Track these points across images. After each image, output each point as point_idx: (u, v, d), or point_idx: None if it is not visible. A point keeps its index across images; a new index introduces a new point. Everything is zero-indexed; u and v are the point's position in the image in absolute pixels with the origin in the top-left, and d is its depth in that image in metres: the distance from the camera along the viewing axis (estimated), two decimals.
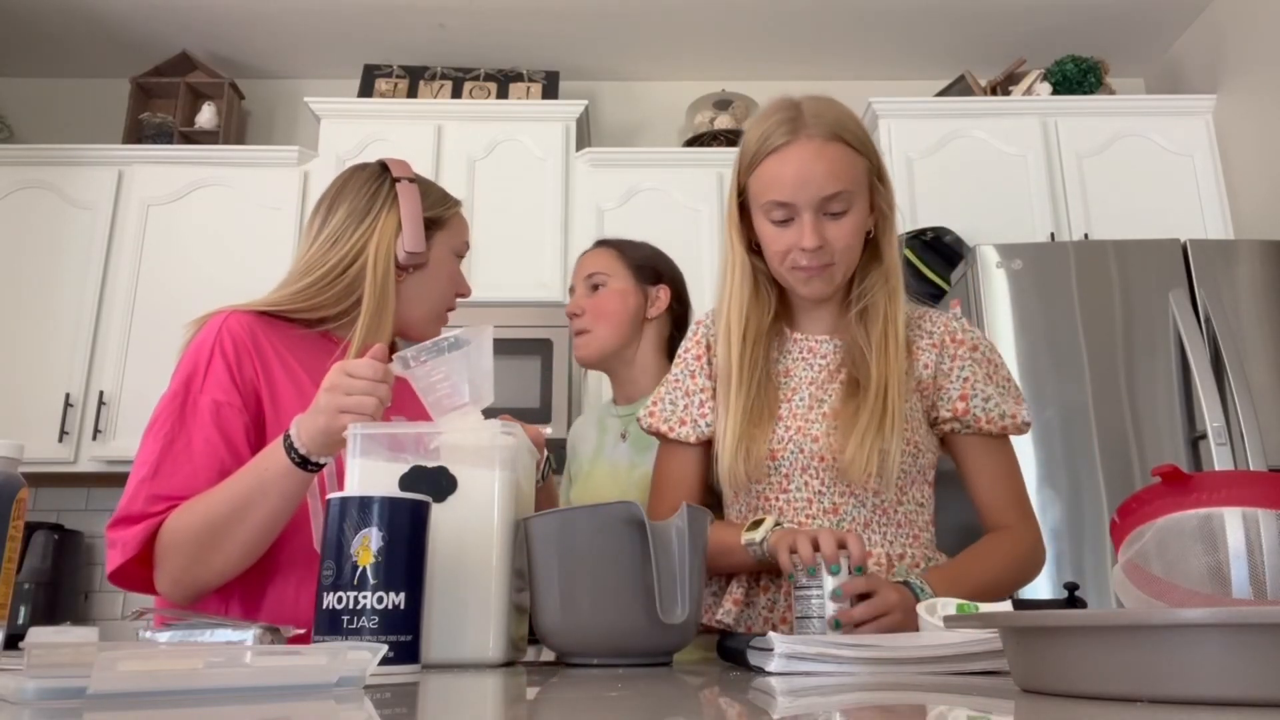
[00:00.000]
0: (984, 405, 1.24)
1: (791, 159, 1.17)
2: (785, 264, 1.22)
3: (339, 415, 0.94)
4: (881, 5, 3.24)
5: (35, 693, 0.52)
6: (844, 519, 1.21)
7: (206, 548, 1.02)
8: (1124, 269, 2.52)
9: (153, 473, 1.06)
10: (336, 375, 0.96)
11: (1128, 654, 0.50)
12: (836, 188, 1.17)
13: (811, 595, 1.00)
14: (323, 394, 0.96)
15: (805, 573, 1.00)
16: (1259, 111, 2.98)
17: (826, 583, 0.99)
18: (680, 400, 1.32)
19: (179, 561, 1.03)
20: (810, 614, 1.00)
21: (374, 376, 0.95)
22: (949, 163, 3.08)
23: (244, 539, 1.03)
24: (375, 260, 1.20)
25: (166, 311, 2.96)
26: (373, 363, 0.97)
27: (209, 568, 1.04)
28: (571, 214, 3.06)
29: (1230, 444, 2.30)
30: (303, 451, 0.98)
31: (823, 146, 1.17)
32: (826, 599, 0.99)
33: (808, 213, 1.17)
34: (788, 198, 1.18)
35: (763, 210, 1.21)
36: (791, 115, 1.20)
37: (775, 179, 1.18)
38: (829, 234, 1.18)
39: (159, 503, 1.04)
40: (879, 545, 1.21)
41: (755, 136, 1.22)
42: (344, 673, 0.62)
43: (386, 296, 1.20)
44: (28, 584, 2.82)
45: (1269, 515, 0.76)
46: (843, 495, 1.21)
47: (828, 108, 1.22)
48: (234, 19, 3.30)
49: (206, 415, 1.10)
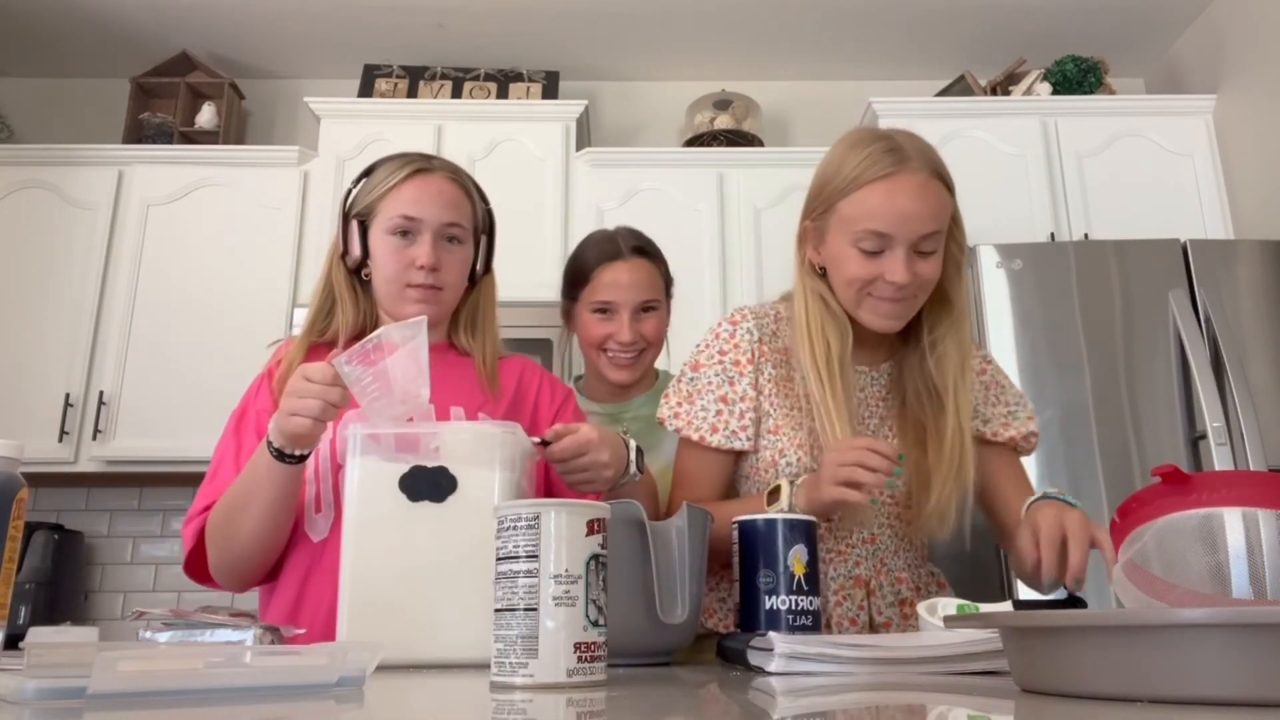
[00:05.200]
0: (983, 426, 1.29)
1: (897, 191, 1.14)
2: (862, 292, 1.19)
3: (289, 417, 0.99)
4: (882, 5, 3.24)
5: (35, 693, 0.52)
6: (880, 548, 1.25)
7: (228, 535, 1.12)
8: (1124, 269, 2.52)
9: (210, 478, 1.19)
10: (295, 378, 1.00)
11: (1128, 654, 0.50)
12: (934, 227, 1.16)
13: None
14: (284, 395, 1.01)
15: (894, 475, 1.06)
16: (1259, 111, 2.98)
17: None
18: (713, 406, 1.25)
19: (214, 550, 1.14)
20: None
21: (323, 380, 0.98)
22: (949, 163, 3.04)
23: (252, 526, 1.09)
24: (332, 268, 1.28)
25: (166, 311, 2.96)
26: (324, 367, 0.99)
27: (232, 553, 1.13)
28: (571, 214, 3.06)
29: (1230, 444, 2.30)
30: (276, 445, 1.02)
31: (926, 182, 1.16)
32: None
33: (902, 248, 1.15)
34: (887, 229, 1.15)
35: (851, 237, 1.17)
36: (892, 146, 1.18)
37: (875, 209, 1.15)
38: (917, 270, 1.17)
39: (209, 502, 1.16)
40: (900, 567, 1.27)
41: (855, 162, 1.18)
42: (344, 673, 0.62)
43: (344, 298, 1.26)
44: (28, 584, 2.81)
45: (1269, 515, 0.76)
46: (880, 527, 1.25)
47: (924, 144, 1.21)
48: (234, 19, 3.30)
49: (252, 426, 1.20)
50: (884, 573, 1.25)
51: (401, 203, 1.22)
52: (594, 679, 0.69)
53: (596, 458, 1.06)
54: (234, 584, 1.18)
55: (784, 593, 0.97)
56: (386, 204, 1.23)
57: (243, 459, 1.16)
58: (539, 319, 2.89)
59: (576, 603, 0.69)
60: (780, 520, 1.00)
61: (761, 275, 3.00)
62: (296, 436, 1.00)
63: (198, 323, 2.95)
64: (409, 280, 1.22)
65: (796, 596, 0.97)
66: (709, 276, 2.99)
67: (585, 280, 1.57)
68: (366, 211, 1.24)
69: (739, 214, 3.07)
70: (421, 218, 1.22)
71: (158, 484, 3.13)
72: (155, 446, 2.85)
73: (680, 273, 1.74)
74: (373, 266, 1.25)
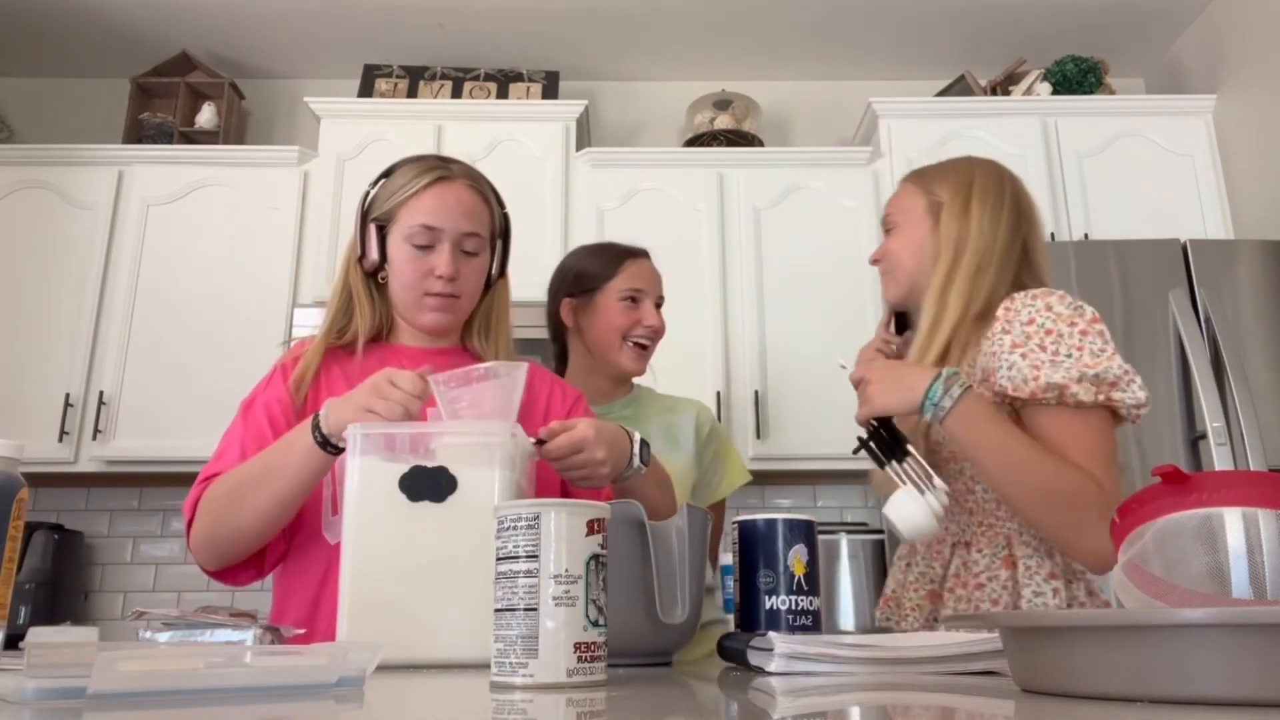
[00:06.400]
0: (1008, 374, 1.14)
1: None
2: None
3: (364, 414, 0.99)
4: (882, 5, 3.24)
5: (35, 693, 0.52)
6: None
7: (230, 507, 1.11)
8: (1124, 269, 2.52)
9: (215, 459, 1.19)
10: (381, 378, 1.01)
11: (1128, 654, 0.50)
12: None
13: None
14: (361, 390, 1.02)
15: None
16: (1259, 111, 2.98)
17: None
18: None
19: (208, 520, 1.13)
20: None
21: (413, 391, 1.00)
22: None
23: (262, 504, 1.09)
24: (347, 273, 1.29)
25: (166, 311, 2.96)
26: (416, 377, 1.01)
27: (229, 527, 1.11)
28: (571, 214, 3.06)
29: (1230, 444, 2.30)
30: (325, 431, 1.03)
31: None
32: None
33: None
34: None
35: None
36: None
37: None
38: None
39: (210, 473, 1.16)
40: (949, 534, 1.25)
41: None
42: (344, 673, 0.62)
43: (362, 299, 1.27)
44: (28, 584, 2.82)
45: (1269, 515, 0.76)
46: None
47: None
48: (234, 19, 3.30)
49: (260, 411, 1.21)
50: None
51: (422, 211, 1.23)
52: (594, 679, 0.69)
53: (592, 455, 1.07)
54: (213, 559, 1.15)
55: (784, 593, 0.97)
56: (407, 211, 1.23)
57: (249, 443, 1.16)
58: (539, 319, 2.90)
59: (576, 603, 0.69)
60: (780, 520, 1.00)
61: (761, 275, 3.00)
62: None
63: (198, 323, 2.95)
64: (427, 289, 1.24)
65: (796, 596, 0.97)
66: (709, 276, 2.99)
67: (612, 273, 1.66)
68: (386, 216, 1.25)
69: (739, 214, 3.07)
70: (441, 227, 1.23)
71: (158, 484, 3.13)
72: (155, 446, 2.85)
73: (680, 273, 1.76)
74: (390, 272, 1.25)
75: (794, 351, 2.93)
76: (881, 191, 3.07)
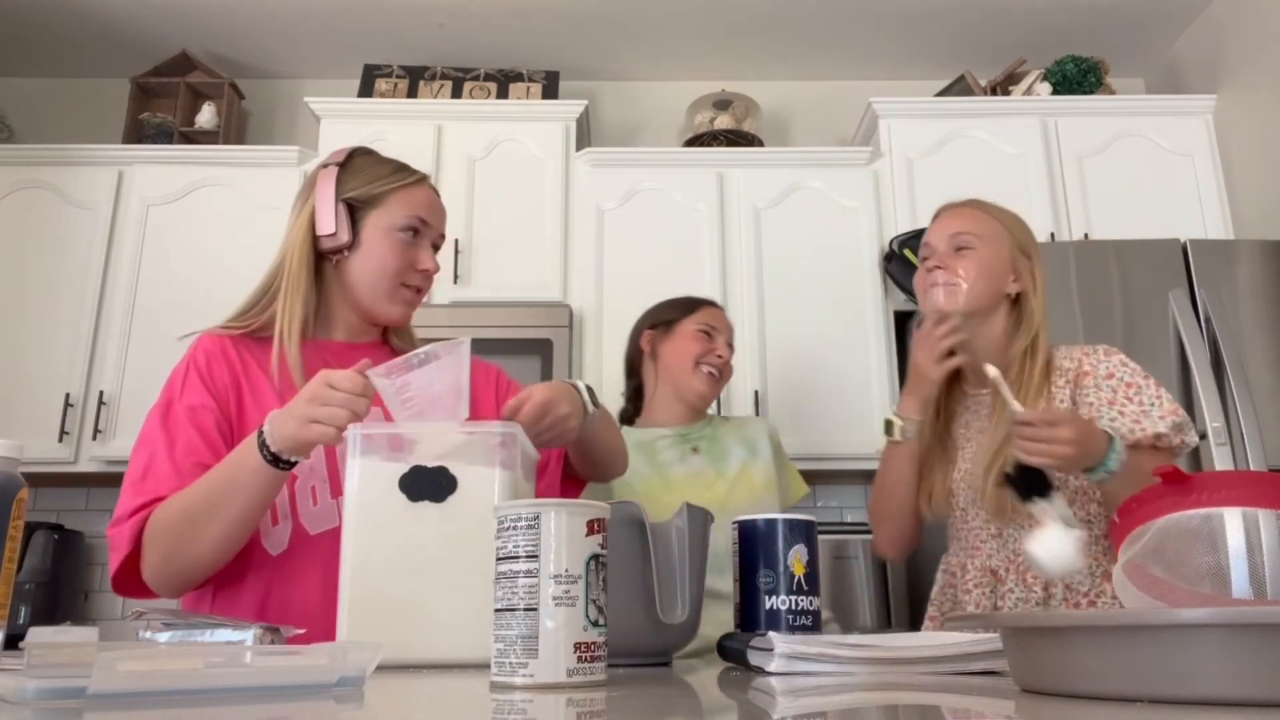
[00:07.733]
0: (1110, 425, 1.32)
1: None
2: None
3: (309, 425, 0.95)
4: (882, 5, 3.24)
5: (35, 693, 0.52)
6: (1006, 541, 1.39)
7: (185, 539, 1.05)
8: (1124, 269, 2.52)
9: (140, 476, 1.10)
10: (317, 384, 0.96)
11: (1128, 654, 0.50)
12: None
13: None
14: (300, 400, 0.97)
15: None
16: (1259, 111, 2.98)
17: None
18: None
19: (159, 552, 1.06)
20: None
21: (353, 390, 0.95)
22: (949, 163, 3.08)
23: (220, 530, 1.04)
24: (291, 252, 1.24)
25: (166, 311, 2.96)
26: (354, 376, 0.97)
27: (187, 558, 1.06)
28: (571, 214, 3.06)
29: (1230, 444, 2.30)
30: (274, 449, 0.98)
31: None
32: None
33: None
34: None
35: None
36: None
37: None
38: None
39: (146, 501, 1.08)
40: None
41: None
42: (344, 673, 0.62)
43: (299, 283, 1.22)
44: (28, 584, 2.81)
45: (1269, 515, 0.76)
46: (1006, 522, 1.39)
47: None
48: (234, 19, 3.30)
49: (185, 419, 1.14)
50: (1013, 563, 1.37)
51: (417, 204, 1.24)
52: (594, 679, 0.69)
53: (558, 413, 1.09)
54: (174, 590, 1.10)
55: (784, 593, 0.97)
56: (398, 201, 1.23)
57: (178, 454, 1.10)
58: (539, 319, 2.90)
59: (576, 603, 0.69)
60: (780, 520, 1.00)
61: (761, 275, 3.00)
62: (307, 444, 0.97)
63: (198, 323, 2.87)
64: (406, 280, 1.24)
65: (796, 596, 0.98)
66: (709, 276, 2.99)
67: (691, 311, 1.88)
68: (364, 199, 1.23)
69: (739, 214, 3.07)
70: (431, 224, 1.26)
71: None
72: None
73: (680, 273, 1.77)
74: (359, 256, 1.22)
75: (794, 351, 2.93)
76: (881, 191, 3.07)
